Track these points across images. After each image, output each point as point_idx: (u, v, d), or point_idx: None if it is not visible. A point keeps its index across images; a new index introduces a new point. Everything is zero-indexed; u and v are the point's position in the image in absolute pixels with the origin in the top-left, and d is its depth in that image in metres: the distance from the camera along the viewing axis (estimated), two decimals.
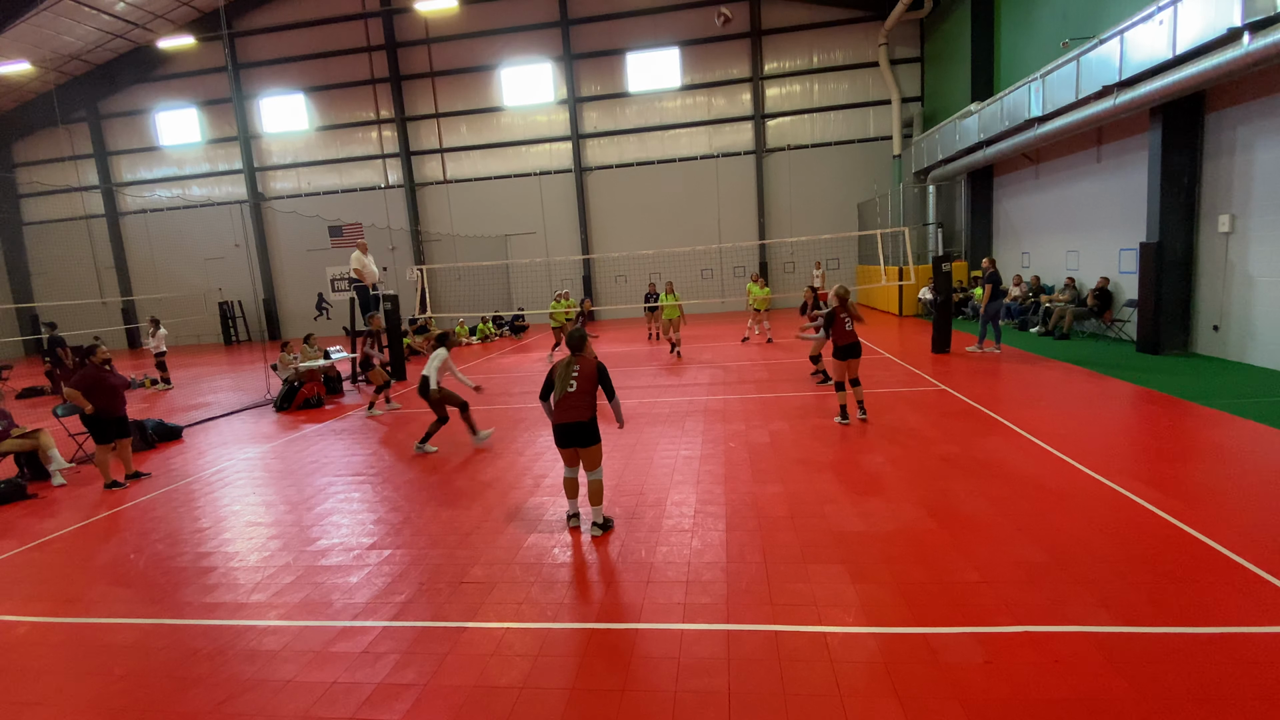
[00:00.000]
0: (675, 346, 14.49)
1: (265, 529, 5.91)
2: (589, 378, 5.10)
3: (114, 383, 7.52)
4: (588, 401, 5.09)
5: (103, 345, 7.95)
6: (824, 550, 4.65)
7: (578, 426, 5.05)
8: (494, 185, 25.57)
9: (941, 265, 12.40)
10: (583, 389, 5.07)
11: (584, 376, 5.09)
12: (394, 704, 3.32)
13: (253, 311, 27.05)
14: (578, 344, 5.30)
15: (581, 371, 5.10)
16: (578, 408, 5.05)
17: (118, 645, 4.08)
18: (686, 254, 23.73)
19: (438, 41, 24.77)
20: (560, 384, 5.12)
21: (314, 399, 11.66)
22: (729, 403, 9.57)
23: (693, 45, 23.82)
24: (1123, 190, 12.34)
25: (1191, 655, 3.27)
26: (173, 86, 26.53)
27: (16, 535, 6.19)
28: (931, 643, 3.50)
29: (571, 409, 5.05)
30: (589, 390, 5.09)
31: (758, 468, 6.56)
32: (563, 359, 5.26)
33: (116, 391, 7.53)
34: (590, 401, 5.10)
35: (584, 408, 5.07)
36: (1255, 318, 9.64)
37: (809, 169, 23.99)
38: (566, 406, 5.06)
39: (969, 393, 9.12)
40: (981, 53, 18.03)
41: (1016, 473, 5.97)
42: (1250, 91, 9.48)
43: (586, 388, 5.08)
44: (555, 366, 5.22)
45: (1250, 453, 6.15)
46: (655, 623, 3.88)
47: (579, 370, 5.11)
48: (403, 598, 4.40)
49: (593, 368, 5.14)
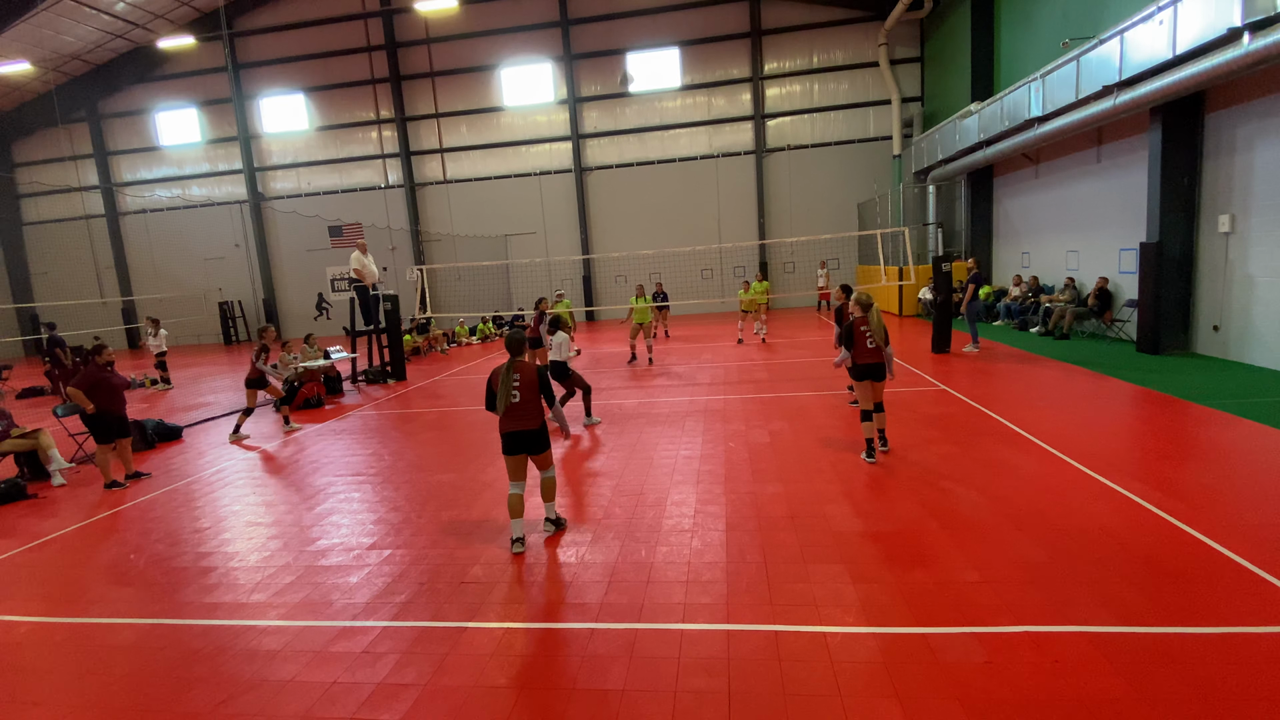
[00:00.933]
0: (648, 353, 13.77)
1: (265, 529, 5.91)
2: (530, 386, 4.94)
3: (115, 383, 7.54)
4: (534, 410, 4.97)
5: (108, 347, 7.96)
6: (824, 550, 4.65)
7: (527, 435, 4.96)
8: (494, 185, 25.57)
9: (941, 265, 12.40)
10: (525, 398, 4.93)
11: (525, 386, 4.93)
12: (394, 704, 3.32)
13: (253, 311, 27.05)
14: (515, 348, 5.05)
15: (522, 380, 4.93)
16: (525, 417, 4.94)
17: (118, 645, 4.08)
18: (686, 254, 23.73)
19: (438, 41, 24.77)
20: (503, 394, 4.91)
21: (314, 399, 11.66)
22: (729, 403, 9.57)
23: (693, 45, 23.82)
24: (1123, 190, 12.34)
25: (1191, 655, 3.27)
26: (173, 86, 26.53)
27: (16, 535, 6.19)
28: (931, 643, 3.50)
29: (519, 418, 4.94)
30: (533, 399, 4.95)
31: (758, 468, 6.56)
32: (501, 365, 5.02)
33: (117, 391, 7.55)
34: (537, 409, 4.99)
35: (531, 416, 4.96)
36: (1255, 318, 9.64)
37: (809, 169, 23.99)
38: (514, 416, 4.94)
39: (969, 393, 9.12)
40: (981, 53, 18.03)
41: (1016, 473, 5.97)
42: (1250, 91, 9.48)
43: (529, 396, 4.94)
44: (494, 374, 4.98)
45: (1250, 453, 6.15)
46: (655, 623, 3.88)
47: (519, 379, 4.93)
48: (403, 598, 4.40)
49: (533, 375, 4.97)
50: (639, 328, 13.66)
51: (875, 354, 6.49)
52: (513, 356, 5.04)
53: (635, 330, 13.70)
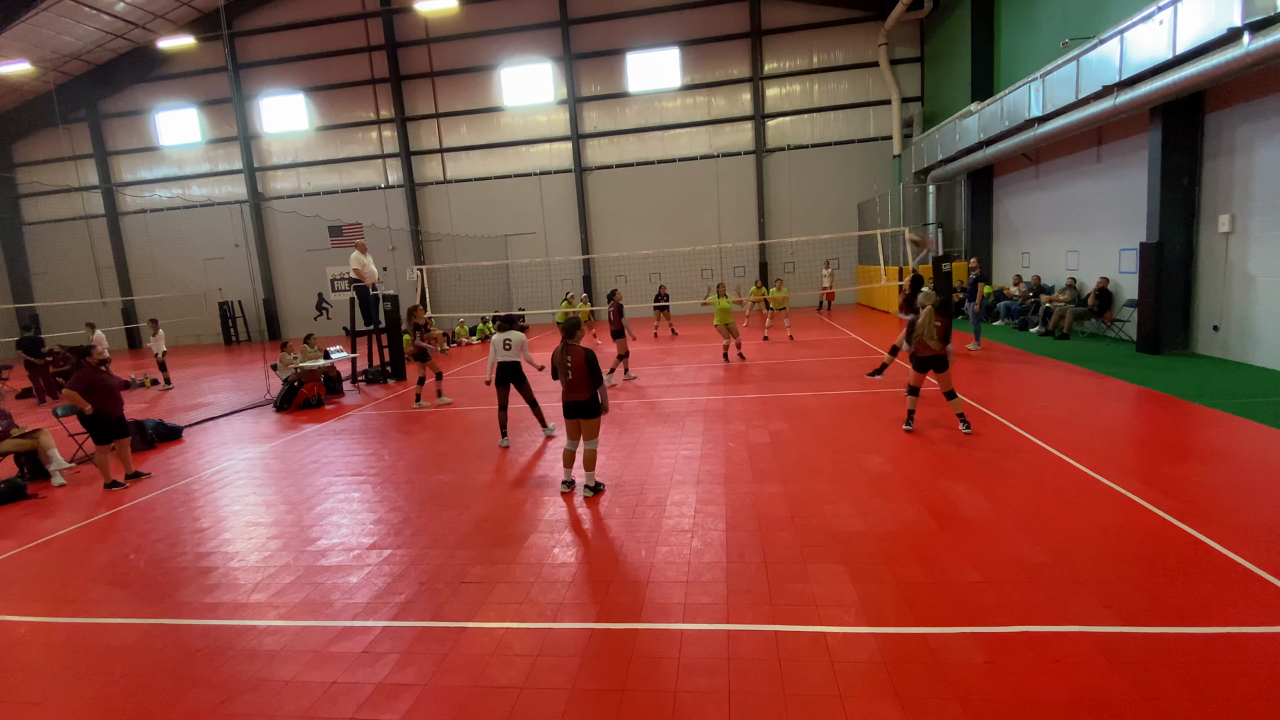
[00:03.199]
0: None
1: (265, 529, 5.91)
2: (580, 367, 5.89)
3: (111, 383, 7.53)
4: (586, 384, 5.90)
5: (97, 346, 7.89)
6: (824, 550, 4.65)
7: (579, 404, 5.96)
8: (494, 185, 25.57)
9: (941, 265, 12.40)
10: (578, 376, 5.90)
11: (576, 366, 5.89)
12: (394, 704, 3.32)
13: (253, 311, 27.06)
14: (568, 331, 5.98)
15: (574, 362, 5.89)
16: (578, 389, 5.93)
17: (118, 645, 4.08)
18: (686, 254, 23.73)
19: (438, 41, 24.77)
20: (560, 370, 5.93)
21: (314, 399, 11.66)
22: (729, 403, 9.57)
23: (693, 45, 23.82)
24: (1123, 190, 12.34)
25: (1191, 655, 3.27)
26: (173, 86, 26.54)
27: (16, 535, 6.19)
28: (931, 643, 3.50)
29: (573, 390, 5.95)
30: (583, 376, 5.89)
31: (758, 468, 6.56)
32: (558, 346, 5.98)
33: (114, 391, 7.53)
34: (588, 383, 5.90)
35: (582, 389, 5.91)
36: (1255, 318, 9.64)
37: (809, 169, 23.99)
38: (569, 388, 5.95)
39: (969, 393, 9.12)
40: (981, 53, 18.03)
41: (1016, 473, 5.97)
42: (1250, 91, 9.48)
43: (580, 374, 5.89)
44: (554, 353, 6.00)
45: (1250, 453, 6.15)
46: (655, 623, 3.88)
47: (571, 361, 5.89)
48: (403, 598, 4.39)
49: (582, 358, 5.88)
50: (725, 328, 12.98)
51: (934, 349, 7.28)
52: (565, 339, 5.98)
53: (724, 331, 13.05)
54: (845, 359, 12.35)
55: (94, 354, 7.70)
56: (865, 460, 6.59)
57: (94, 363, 7.58)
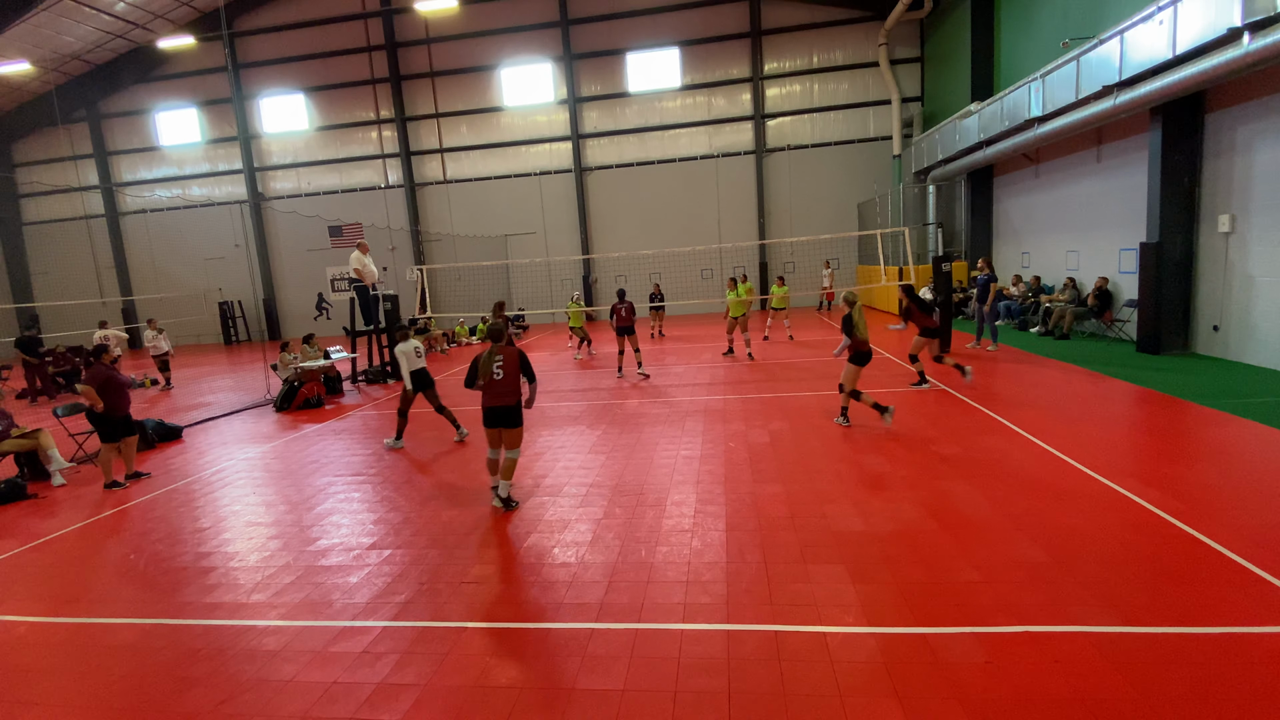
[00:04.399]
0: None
1: (265, 529, 5.91)
2: (513, 364, 5.69)
3: (122, 381, 7.59)
4: (514, 386, 5.71)
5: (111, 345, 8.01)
6: (824, 550, 4.65)
7: (504, 410, 5.71)
8: (494, 185, 25.57)
9: (941, 265, 12.40)
10: (508, 374, 5.67)
11: (508, 363, 5.67)
12: (394, 704, 3.32)
13: (253, 311, 27.05)
14: (497, 335, 5.79)
15: (505, 360, 5.67)
16: (504, 392, 5.68)
17: (118, 645, 4.08)
18: (686, 254, 23.73)
19: (438, 41, 24.77)
20: (484, 371, 5.64)
21: (314, 399, 11.66)
22: (729, 403, 9.57)
23: (693, 45, 23.82)
24: (1123, 190, 12.33)
25: (1191, 655, 3.27)
26: (173, 86, 26.54)
27: (16, 535, 6.19)
28: (931, 643, 3.50)
29: (499, 394, 5.68)
30: (514, 375, 5.69)
31: (758, 468, 6.56)
32: (484, 350, 5.75)
33: (124, 390, 7.60)
34: (515, 386, 5.72)
35: (510, 392, 5.70)
36: (1255, 318, 9.64)
37: (809, 169, 23.99)
38: (495, 392, 5.68)
39: (969, 393, 9.12)
40: (981, 53, 18.03)
41: (1016, 473, 5.97)
42: (1250, 91, 9.48)
43: (511, 373, 5.68)
44: (478, 357, 5.72)
45: (1250, 453, 6.15)
46: (655, 623, 3.88)
47: (503, 359, 5.66)
48: (403, 598, 4.39)
49: (515, 356, 5.72)
50: (734, 321, 13.22)
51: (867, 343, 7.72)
52: (495, 343, 5.74)
53: (732, 325, 13.38)
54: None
55: (109, 352, 7.78)
56: (865, 460, 6.59)
57: (108, 361, 7.66)
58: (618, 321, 12.24)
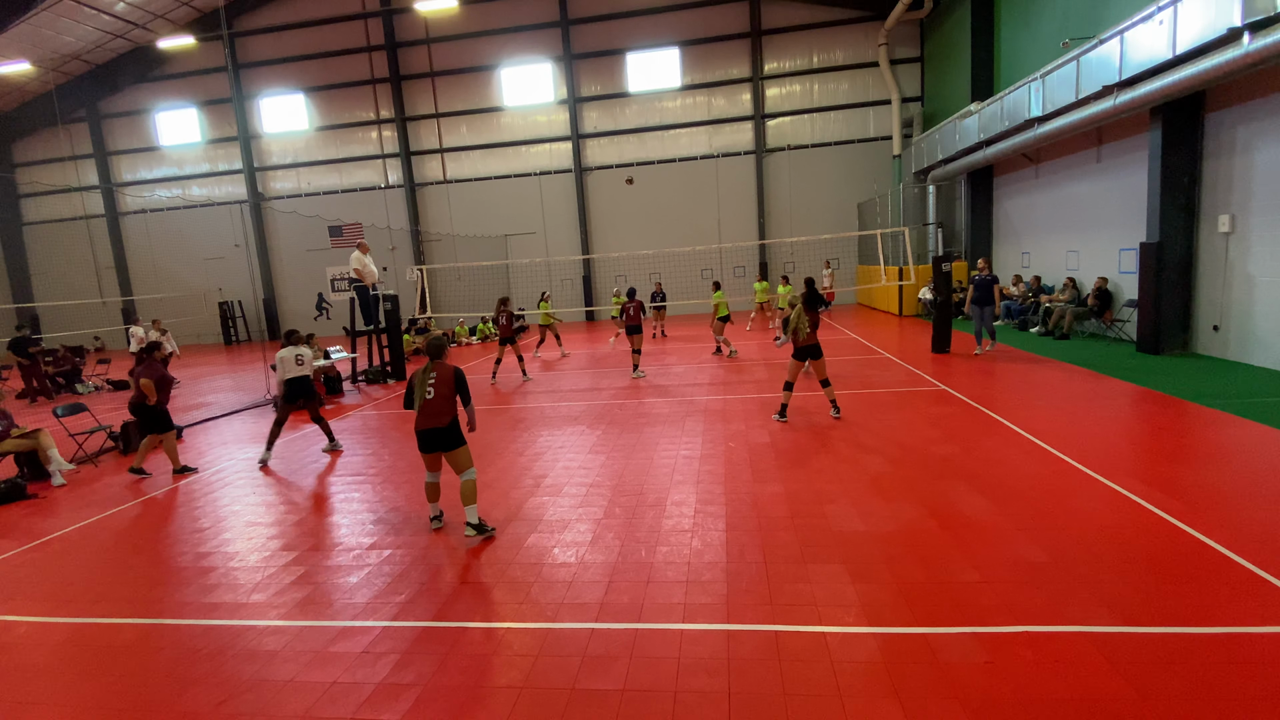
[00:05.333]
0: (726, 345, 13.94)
1: (265, 529, 5.91)
2: (447, 383, 5.21)
3: (170, 378, 8.04)
4: (446, 407, 5.20)
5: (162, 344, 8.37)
6: (824, 550, 4.65)
7: (437, 432, 5.19)
8: (494, 185, 25.57)
9: (941, 265, 12.40)
10: (440, 394, 5.18)
11: (441, 382, 5.20)
12: (394, 704, 3.32)
13: (253, 311, 27.05)
14: (435, 351, 5.35)
15: (439, 378, 5.21)
16: (437, 414, 5.18)
17: (118, 645, 4.08)
18: (686, 254, 23.73)
19: (438, 41, 24.77)
20: (419, 391, 5.21)
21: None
22: (729, 403, 9.57)
23: (693, 45, 23.82)
24: (1123, 190, 12.33)
25: (1191, 655, 3.27)
26: (173, 86, 26.53)
27: (16, 535, 6.19)
28: (931, 643, 3.50)
29: (431, 415, 5.18)
30: (447, 396, 5.21)
31: (758, 468, 6.56)
32: (420, 367, 5.33)
33: (169, 387, 8.06)
34: (449, 407, 5.22)
35: (443, 413, 5.19)
36: (1255, 318, 9.64)
37: (809, 169, 23.99)
38: (427, 413, 5.19)
39: (969, 393, 9.12)
40: (981, 53, 18.03)
41: (1016, 473, 5.97)
42: (1250, 91, 9.48)
43: (445, 393, 5.20)
44: (414, 375, 5.31)
45: (1250, 453, 6.15)
46: (655, 623, 3.88)
47: (436, 377, 5.21)
48: (403, 598, 4.39)
49: (450, 375, 5.24)
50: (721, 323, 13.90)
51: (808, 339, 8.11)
52: (431, 359, 5.32)
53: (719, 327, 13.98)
54: (845, 359, 12.34)
55: (161, 349, 8.11)
56: (865, 460, 6.59)
57: (160, 357, 8.01)
58: (627, 320, 12.36)
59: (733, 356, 13.61)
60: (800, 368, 8.27)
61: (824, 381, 8.29)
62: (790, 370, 8.28)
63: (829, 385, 8.32)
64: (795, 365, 8.26)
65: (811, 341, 8.13)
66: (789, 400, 8.34)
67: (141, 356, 8.00)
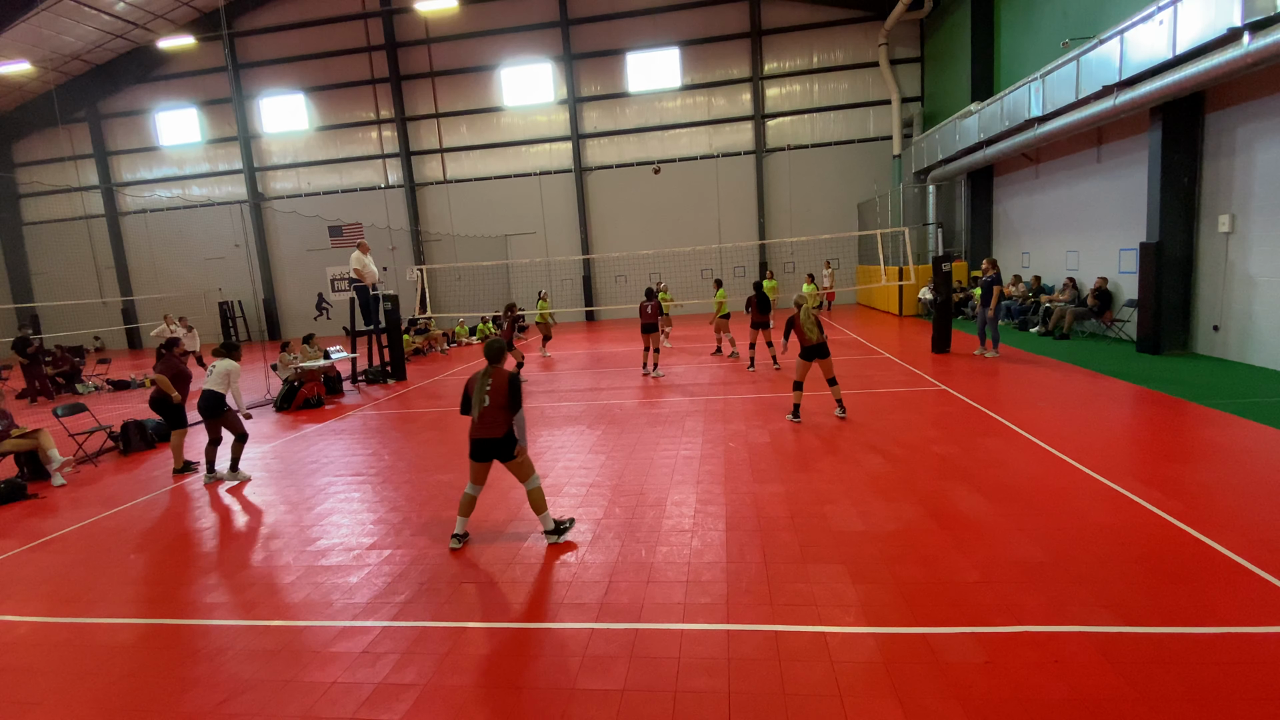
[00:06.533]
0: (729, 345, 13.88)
1: (265, 529, 5.91)
2: (500, 391, 4.90)
3: (188, 374, 8.17)
4: (503, 416, 4.91)
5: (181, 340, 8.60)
6: (824, 550, 4.65)
7: (493, 443, 4.92)
8: (494, 185, 25.57)
9: (941, 265, 12.40)
10: (496, 403, 4.89)
11: (496, 390, 4.90)
12: (394, 704, 3.32)
13: (253, 311, 27.06)
14: (494, 355, 5.05)
15: (494, 385, 4.91)
16: (493, 423, 4.90)
17: (118, 645, 4.08)
18: (686, 254, 23.74)
19: (438, 41, 24.77)
20: (477, 397, 4.93)
21: (314, 399, 11.66)
22: (729, 403, 9.57)
23: (693, 45, 23.83)
24: (1123, 190, 12.33)
25: (1191, 655, 3.27)
26: (173, 86, 26.54)
27: (16, 535, 6.19)
28: (931, 643, 3.50)
29: (487, 424, 4.91)
30: (503, 404, 4.90)
31: (758, 468, 6.56)
32: (478, 371, 5.05)
33: (188, 383, 8.18)
34: (506, 416, 4.92)
35: (499, 423, 4.90)
36: (1255, 318, 9.64)
37: (809, 169, 23.99)
38: (484, 422, 4.92)
39: (969, 393, 9.12)
40: (981, 53, 18.03)
41: (1016, 473, 5.97)
42: (1250, 91, 9.48)
43: (500, 402, 4.89)
44: (470, 379, 5.02)
45: (1250, 453, 6.15)
46: (655, 623, 3.87)
47: (492, 384, 4.91)
48: (403, 598, 4.39)
49: (504, 382, 4.92)
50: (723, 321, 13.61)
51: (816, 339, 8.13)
52: (490, 364, 5.04)
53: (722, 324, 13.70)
54: (845, 359, 12.34)
55: (180, 345, 8.31)
56: (865, 460, 6.59)
57: (179, 353, 8.18)
58: (643, 319, 12.43)
59: (734, 358, 13.52)
60: (807, 368, 8.22)
61: (831, 381, 8.26)
62: (798, 370, 8.24)
63: (835, 384, 8.29)
64: (803, 365, 8.20)
65: (819, 341, 8.10)
66: (801, 400, 8.27)
67: (160, 353, 8.02)
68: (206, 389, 7.21)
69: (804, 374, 8.24)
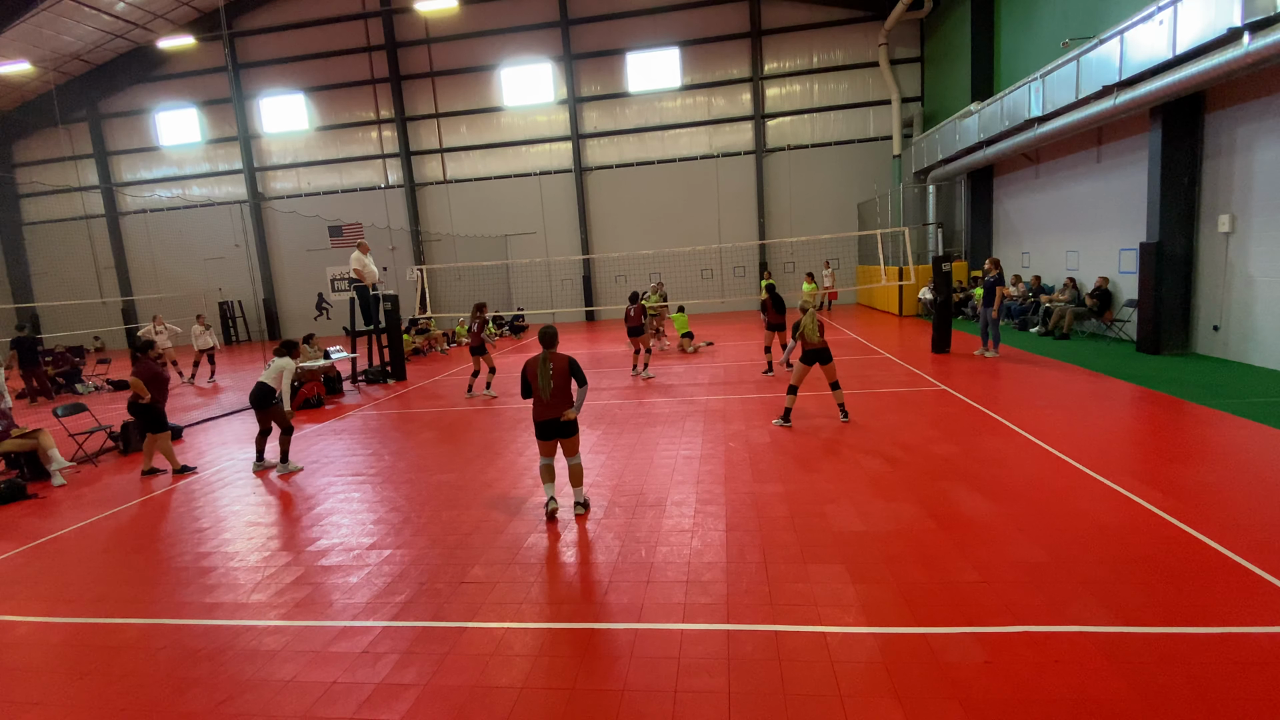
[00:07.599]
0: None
1: (265, 529, 5.91)
2: (563, 374, 5.39)
3: (165, 377, 8.07)
4: (565, 398, 5.43)
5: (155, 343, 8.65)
6: (824, 550, 4.65)
7: (557, 423, 5.43)
8: (494, 185, 25.57)
9: (941, 265, 12.40)
10: (559, 386, 5.38)
11: (558, 373, 5.37)
12: (394, 704, 3.32)
13: (253, 311, 27.06)
14: (549, 341, 5.47)
15: (556, 369, 5.37)
16: (557, 405, 5.40)
17: (118, 645, 4.08)
18: (686, 254, 23.74)
19: (438, 41, 24.77)
20: (542, 383, 5.35)
21: (314, 399, 11.66)
22: (729, 403, 9.57)
23: (693, 45, 23.82)
24: (1123, 190, 12.33)
25: (1191, 655, 3.27)
26: (173, 86, 26.53)
27: (16, 535, 6.19)
28: (931, 643, 3.50)
29: (552, 406, 5.40)
30: (564, 387, 5.41)
31: (758, 468, 6.56)
32: (536, 357, 5.44)
33: (165, 385, 8.06)
34: (566, 397, 5.45)
35: (562, 405, 5.42)
36: (1255, 318, 9.64)
37: (809, 169, 23.99)
38: (548, 405, 5.40)
39: (969, 393, 9.12)
40: (981, 53, 18.03)
41: (1016, 473, 5.97)
42: (1250, 91, 9.48)
43: (561, 384, 5.39)
44: (531, 366, 5.43)
45: (1250, 453, 6.15)
46: (655, 623, 3.87)
47: (554, 368, 5.36)
48: (403, 598, 4.39)
49: (565, 365, 5.40)
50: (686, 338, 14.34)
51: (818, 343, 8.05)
52: (546, 349, 5.46)
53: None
54: (845, 359, 12.33)
55: (155, 347, 8.22)
56: (865, 460, 6.59)
57: (154, 355, 8.10)
58: (628, 323, 12.39)
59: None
60: (806, 372, 8.07)
61: (834, 384, 8.15)
62: (796, 374, 8.08)
63: (839, 389, 8.17)
64: (801, 369, 8.04)
65: (821, 345, 8.00)
66: (793, 405, 8.14)
67: (136, 355, 7.99)
68: (260, 381, 7.60)
69: (802, 378, 8.09)
